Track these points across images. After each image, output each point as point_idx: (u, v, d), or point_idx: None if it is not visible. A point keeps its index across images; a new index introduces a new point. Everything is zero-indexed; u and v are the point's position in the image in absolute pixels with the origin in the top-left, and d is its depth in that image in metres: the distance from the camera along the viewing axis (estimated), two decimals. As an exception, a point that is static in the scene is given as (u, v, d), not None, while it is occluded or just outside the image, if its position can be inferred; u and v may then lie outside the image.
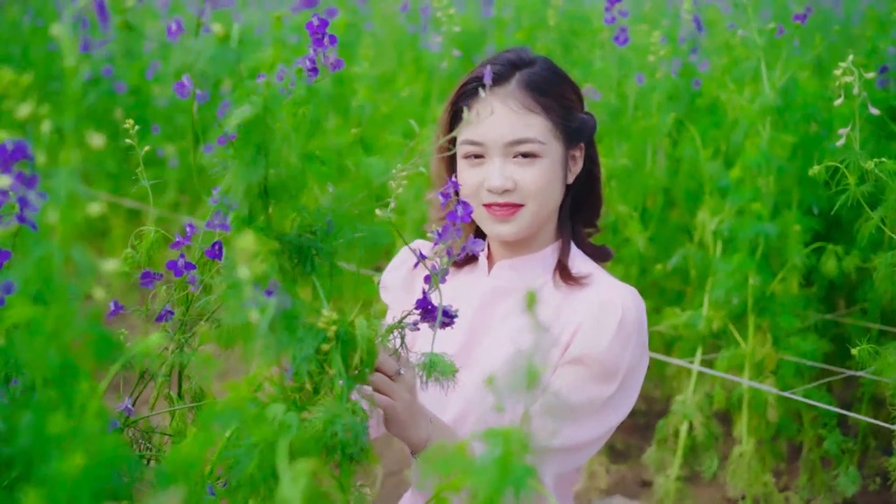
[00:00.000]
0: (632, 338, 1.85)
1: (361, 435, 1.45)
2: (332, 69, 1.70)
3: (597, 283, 1.93)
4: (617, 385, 1.84)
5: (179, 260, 1.66)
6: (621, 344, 1.83)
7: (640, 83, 3.52)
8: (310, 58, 1.67)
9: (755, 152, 3.04)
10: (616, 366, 1.83)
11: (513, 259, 1.99)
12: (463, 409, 1.93)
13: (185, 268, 1.68)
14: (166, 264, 1.66)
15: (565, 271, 1.95)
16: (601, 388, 1.83)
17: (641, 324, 1.87)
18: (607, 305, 1.86)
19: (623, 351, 1.83)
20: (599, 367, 1.83)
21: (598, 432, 1.85)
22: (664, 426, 3.25)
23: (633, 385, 1.88)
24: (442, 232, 1.58)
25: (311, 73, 1.68)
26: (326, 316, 1.45)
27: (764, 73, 3.12)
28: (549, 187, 1.90)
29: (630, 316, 1.85)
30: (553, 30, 3.78)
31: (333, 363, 1.47)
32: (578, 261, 1.98)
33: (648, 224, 3.56)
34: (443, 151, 1.99)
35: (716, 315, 3.13)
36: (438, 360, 1.61)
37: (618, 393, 1.85)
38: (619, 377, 1.84)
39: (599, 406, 1.84)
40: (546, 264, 1.98)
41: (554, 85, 1.93)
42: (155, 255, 1.75)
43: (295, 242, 1.49)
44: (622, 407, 1.88)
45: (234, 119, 1.38)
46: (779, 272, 3.11)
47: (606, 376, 1.83)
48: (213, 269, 1.68)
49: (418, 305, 1.61)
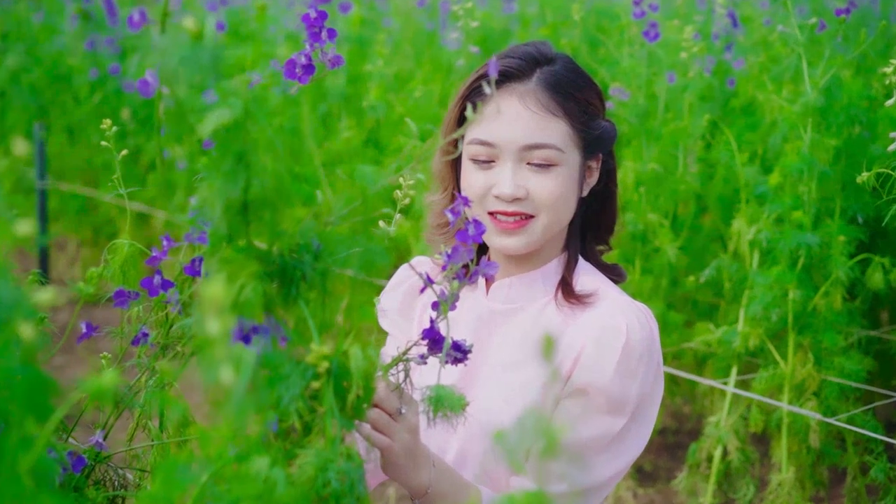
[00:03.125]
0: (641, 364, 1.66)
1: (358, 483, 1.29)
2: (330, 66, 1.52)
3: (602, 301, 1.73)
4: (627, 418, 1.65)
5: (155, 277, 1.46)
6: (627, 372, 1.65)
7: (670, 82, 3.32)
8: (305, 53, 1.49)
9: (796, 157, 2.83)
10: (624, 397, 1.65)
11: (512, 278, 1.79)
12: (462, 448, 1.75)
13: (162, 286, 1.48)
14: (141, 282, 1.47)
15: (567, 288, 1.75)
16: (609, 422, 1.65)
17: (651, 347, 1.68)
18: (610, 328, 1.67)
19: (630, 380, 1.65)
20: (605, 400, 1.64)
21: (610, 472, 1.67)
22: (696, 450, 3.05)
23: (646, 417, 1.70)
24: (452, 253, 1.39)
25: (306, 70, 1.49)
26: (316, 350, 1.27)
27: (805, 72, 2.90)
28: (563, 199, 1.72)
29: (636, 339, 1.66)
30: (579, 25, 3.57)
31: (325, 402, 1.30)
32: (584, 277, 1.78)
33: (679, 233, 3.35)
34: (447, 152, 1.80)
35: (753, 332, 2.92)
36: (446, 395, 1.43)
37: (629, 427, 1.67)
38: (629, 409, 1.65)
39: (609, 443, 1.66)
40: (548, 282, 1.78)
41: (577, 87, 1.73)
42: (130, 270, 1.56)
43: (279, 264, 1.30)
44: (635, 442, 1.69)
45: (209, 124, 1.19)
46: (821, 286, 2.90)
47: (614, 409, 1.65)
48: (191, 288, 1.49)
49: (425, 336, 1.43)
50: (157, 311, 1.55)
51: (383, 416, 1.44)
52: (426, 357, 1.45)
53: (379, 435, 1.45)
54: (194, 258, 1.47)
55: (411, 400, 1.47)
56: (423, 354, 1.45)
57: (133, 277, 1.52)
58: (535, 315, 1.76)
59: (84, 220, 5.77)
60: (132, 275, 1.53)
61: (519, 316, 1.78)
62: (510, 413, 1.68)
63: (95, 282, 1.50)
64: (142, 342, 1.54)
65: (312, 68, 1.50)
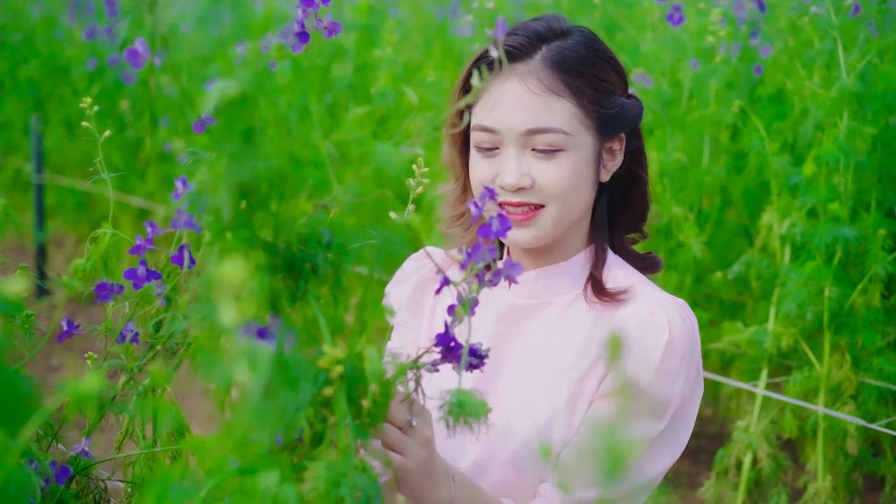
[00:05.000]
0: (683, 362, 1.53)
1: (374, 500, 1.15)
2: (327, 35, 1.36)
3: (638, 297, 1.58)
4: (667, 421, 1.53)
5: (140, 268, 1.31)
6: (671, 371, 1.52)
7: (694, 69, 3.16)
8: (298, 20, 1.33)
9: (833, 145, 2.66)
10: (666, 397, 1.52)
11: (537, 270, 1.63)
12: (479, 456, 1.60)
13: (148, 277, 1.33)
14: (124, 273, 1.32)
15: (598, 285, 1.60)
16: (648, 425, 1.52)
17: (694, 345, 1.55)
18: (651, 325, 1.53)
19: (673, 380, 1.52)
20: (646, 401, 1.52)
21: (646, 478, 1.54)
22: (724, 457, 2.89)
23: (686, 419, 1.57)
24: (472, 251, 1.23)
25: (299, 39, 1.34)
26: (330, 354, 1.11)
27: (841, 56, 2.74)
28: (574, 187, 1.56)
29: (680, 337, 1.53)
30: (599, 9, 3.41)
31: (338, 409, 1.15)
32: (616, 271, 1.63)
33: (703, 227, 3.19)
34: (454, 137, 1.65)
35: (785, 331, 2.76)
36: (468, 400, 1.27)
37: (668, 430, 1.54)
38: (670, 411, 1.53)
39: (647, 447, 1.53)
40: (576, 276, 1.64)
41: (588, 62, 1.57)
42: (114, 262, 1.40)
43: (286, 256, 1.15)
44: (674, 447, 1.57)
45: (212, 98, 1.03)
46: (858, 282, 2.74)
47: (654, 411, 1.52)
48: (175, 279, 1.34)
49: (439, 342, 1.27)
50: (143, 306, 1.40)
51: (393, 431, 1.30)
52: (438, 364, 1.30)
53: (390, 452, 1.31)
54: (182, 246, 1.32)
55: (423, 410, 1.33)
56: (435, 361, 1.30)
57: (117, 269, 1.36)
58: (561, 310, 1.61)
59: (83, 216, 5.64)
60: (116, 267, 1.37)
61: (544, 311, 1.63)
62: (534, 419, 1.55)
63: (81, 275, 1.34)
64: (129, 340, 1.39)
65: (307, 36, 1.34)
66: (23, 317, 1.44)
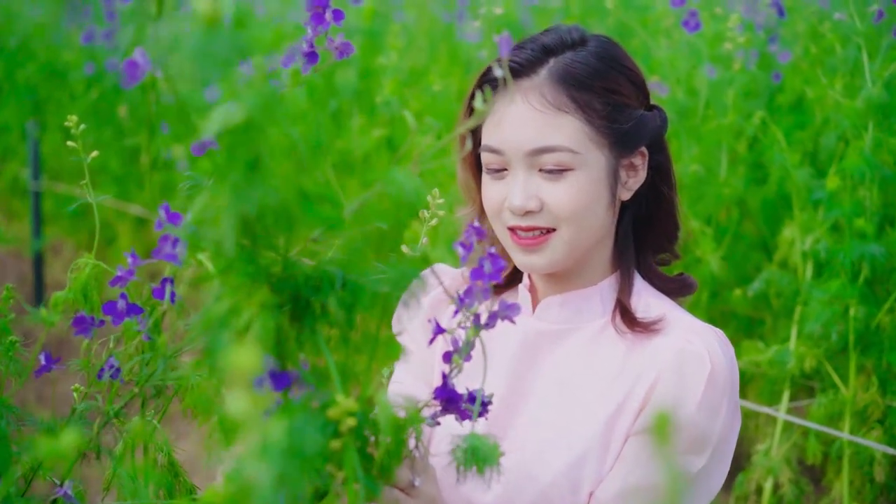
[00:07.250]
0: (724, 396, 1.44)
1: None
2: (338, 56, 1.26)
3: (673, 326, 1.48)
4: (707, 457, 1.44)
5: (119, 301, 1.20)
6: (712, 405, 1.43)
7: (711, 76, 3.05)
8: (308, 39, 1.25)
9: (858, 158, 2.55)
10: (708, 432, 1.43)
11: (565, 294, 1.53)
12: (506, 493, 1.49)
13: (128, 311, 1.22)
14: (103, 307, 1.22)
15: (627, 314, 1.50)
16: (688, 461, 1.44)
17: (733, 376, 1.47)
18: (691, 356, 1.44)
19: (714, 413, 1.43)
20: (686, 436, 1.43)
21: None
22: (744, 481, 2.78)
23: (726, 454, 1.48)
24: (465, 294, 1.13)
25: (308, 59, 1.24)
26: (341, 403, 1.01)
27: (866, 64, 2.63)
28: (586, 208, 1.45)
29: (721, 368, 1.44)
30: (611, 15, 3.30)
31: (347, 465, 1.04)
32: (647, 298, 1.53)
33: (721, 241, 3.08)
34: (466, 160, 1.55)
35: (809, 352, 2.65)
36: (480, 445, 1.16)
37: (709, 466, 1.45)
38: (710, 447, 1.44)
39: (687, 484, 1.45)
40: (605, 301, 1.53)
41: (598, 74, 1.45)
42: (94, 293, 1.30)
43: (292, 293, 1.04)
44: (713, 482, 1.48)
45: (214, 122, 0.92)
46: (885, 301, 2.63)
47: (695, 446, 1.43)
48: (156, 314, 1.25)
49: (438, 395, 1.18)
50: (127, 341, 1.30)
51: (394, 495, 1.21)
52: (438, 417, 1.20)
53: None
54: (164, 279, 1.22)
55: (426, 467, 1.23)
56: (435, 414, 1.20)
57: (97, 302, 1.26)
58: (589, 338, 1.51)
59: (80, 224, 5.53)
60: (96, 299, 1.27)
61: (571, 338, 1.53)
62: (565, 455, 1.46)
63: (61, 308, 1.23)
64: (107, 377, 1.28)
65: (316, 56, 1.25)
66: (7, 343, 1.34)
